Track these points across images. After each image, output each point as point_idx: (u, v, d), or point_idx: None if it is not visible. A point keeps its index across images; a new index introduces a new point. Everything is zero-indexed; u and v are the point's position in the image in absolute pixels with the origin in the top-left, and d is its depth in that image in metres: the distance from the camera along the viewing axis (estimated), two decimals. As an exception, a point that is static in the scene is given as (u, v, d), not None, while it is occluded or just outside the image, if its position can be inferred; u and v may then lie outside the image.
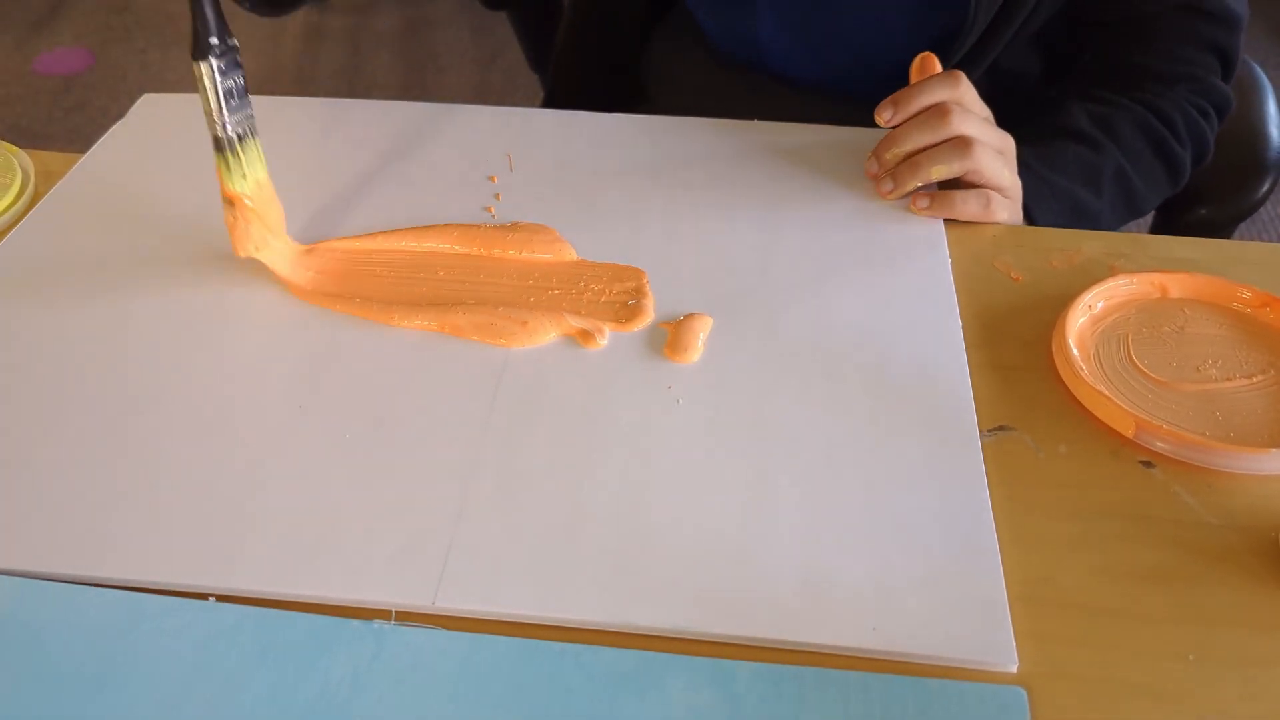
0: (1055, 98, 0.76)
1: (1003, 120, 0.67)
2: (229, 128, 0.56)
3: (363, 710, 0.41)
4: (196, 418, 0.52)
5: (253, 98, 0.58)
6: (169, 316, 0.58)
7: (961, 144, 0.64)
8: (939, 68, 0.68)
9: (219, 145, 0.57)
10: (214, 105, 0.56)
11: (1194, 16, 0.74)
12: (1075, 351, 0.55)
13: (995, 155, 0.65)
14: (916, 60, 0.69)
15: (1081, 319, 0.57)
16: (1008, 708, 0.41)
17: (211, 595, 0.45)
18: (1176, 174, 0.76)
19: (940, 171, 0.64)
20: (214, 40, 0.55)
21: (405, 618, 0.44)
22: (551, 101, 0.98)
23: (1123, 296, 0.59)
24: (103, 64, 2.39)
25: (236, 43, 0.56)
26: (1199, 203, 0.86)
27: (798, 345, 0.57)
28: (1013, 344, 0.57)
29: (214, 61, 0.55)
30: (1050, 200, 0.69)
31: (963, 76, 0.65)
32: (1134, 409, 0.52)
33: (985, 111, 0.67)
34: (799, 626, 0.43)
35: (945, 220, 0.65)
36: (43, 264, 0.62)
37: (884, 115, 0.66)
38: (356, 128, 0.75)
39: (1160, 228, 0.91)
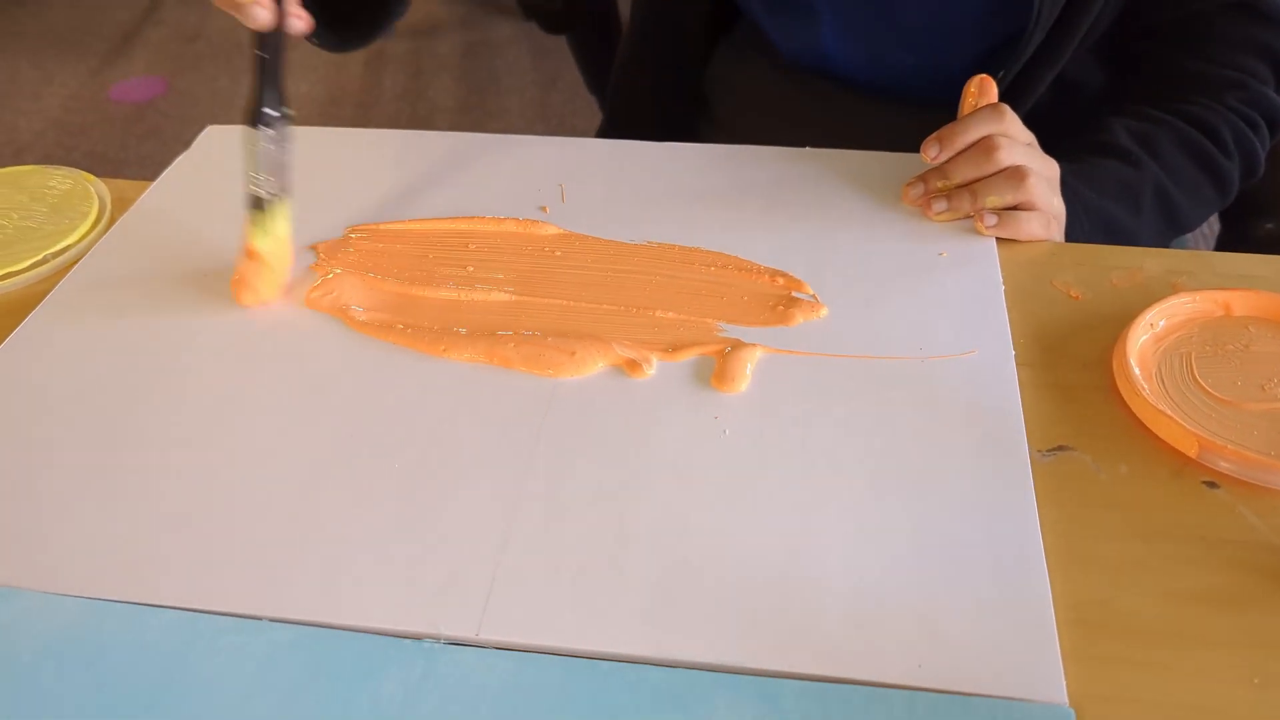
0: (1100, 115, 0.75)
1: (1063, 132, 0.66)
2: (264, 189, 0.59)
3: (413, 729, 0.42)
4: (250, 448, 0.53)
5: (307, 129, 0.60)
6: (224, 346, 0.60)
7: (1016, 174, 0.63)
8: (994, 93, 0.67)
9: (252, 203, 0.60)
10: (254, 169, 0.59)
11: (1246, 17, 0.73)
12: (1137, 370, 0.53)
13: (1044, 181, 0.64)
14: (974, 82, 0.68)
15: (1143, 337, 0.56)
16: (1059, 732, 0.40)
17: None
18: (1223, 189, 0.74)
19: (995, 201, 0.64)
20: (268, 110, 0.58)
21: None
22: (612, 118, 0.98)
23: (1185, 314, 0.58)
24: (175, 91, 2.46)
25: (291, 112, 0.59)
26: (1265, 216, 0.84)
27: (846, 372, 0.56)
28: (1072, 363, 0.56)
29: (264, 130, 0.58)
30: (1082, 216, 0.68)
31: (1006, 108, 0.65)
32: (1197, 428, 0.50)
33: (1029, 137, 0.66)
34: (843, 661, 0.43)
35: (999, 240, 0.65)
36: (112, 289, 0.64)
37: (930, 153, 0.66)
38: (408, 158, 0.76)
39: (1226, 243, 0.89)
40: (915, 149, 0.67)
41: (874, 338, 0.58)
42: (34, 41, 2.68)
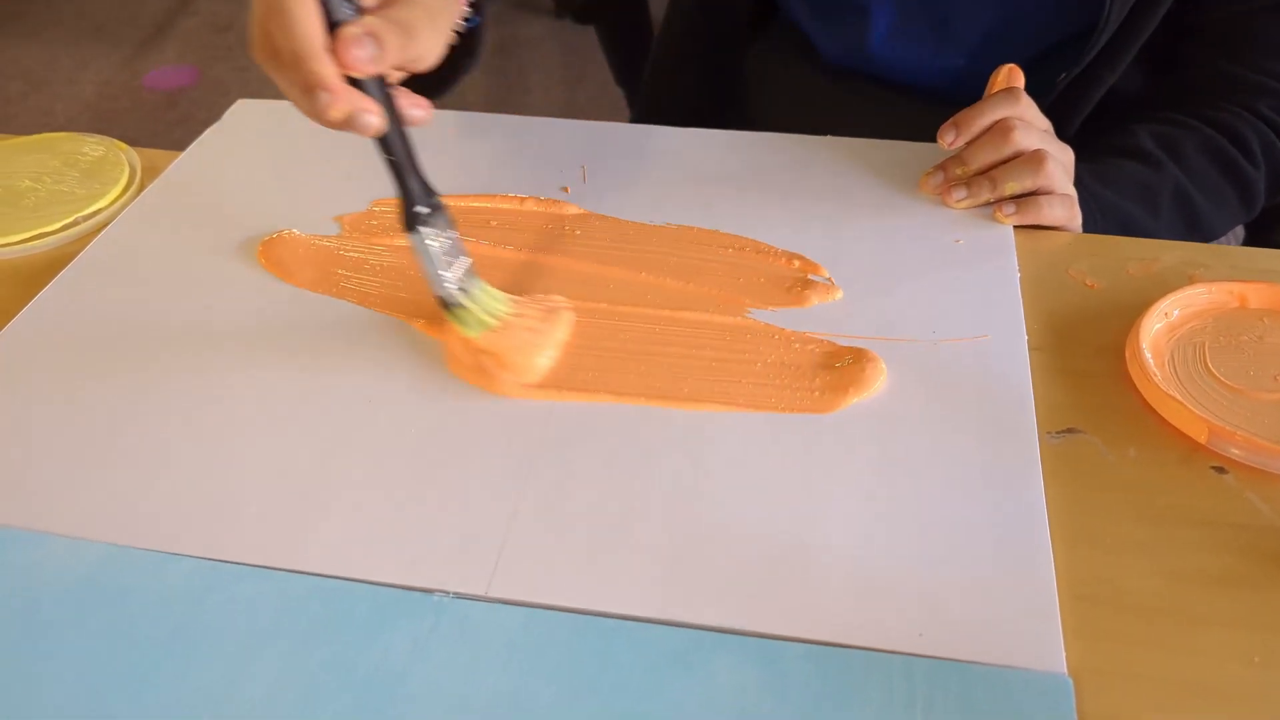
0: (1127, 120, 0.75)
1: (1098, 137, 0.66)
2: (452, 285, 0.54)
3: (421, 678, 0.42)
4: (271, 406, 0.54)
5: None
6: (249, 307, 0.61)
7: (1035, 159, 0.64)
8: (1021, 81, 0.68)
9: (445, 304, 0.54)
10: (433, 271, 0.53)
11: None
12: (1149, 356, 0.54)
13: (1063, 168, 0.65)
14: (1002, 71, 0.68)
15: (1157, 325, 0.56)
16: (1053, 696, 0.40)
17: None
18: (1249, 198, 0.73)
19: (1013, 187, 0.64)
20: (420, 209, 0.52)
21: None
22: (644, 113, 0.98)
23: (1201, 305, 0.58)
24: (206, 80, 2.49)
25: (440, 198, 0.53)
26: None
27: (855, 343, 0.57)
28: (1085, 349, 0.57)
29: (424, 230, 0.52)
30: (1097, 215, 0.68)
31: (1022, 93, 0.65)
32: (1207, 414, 0.51)
33: (1046, 124, 0.66)
34: (846, 628, 0.43)
35: (1017, 229, 0.65)
36: (140, 252, 0.65)
37: (947, 139, 0.66)
38: (433, 137, 0.77)
39: (1251, 243, 0.89)
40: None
41: (887, 320, 0.59)
42: (71, 29, 2.71)
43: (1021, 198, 0.65)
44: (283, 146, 0.76)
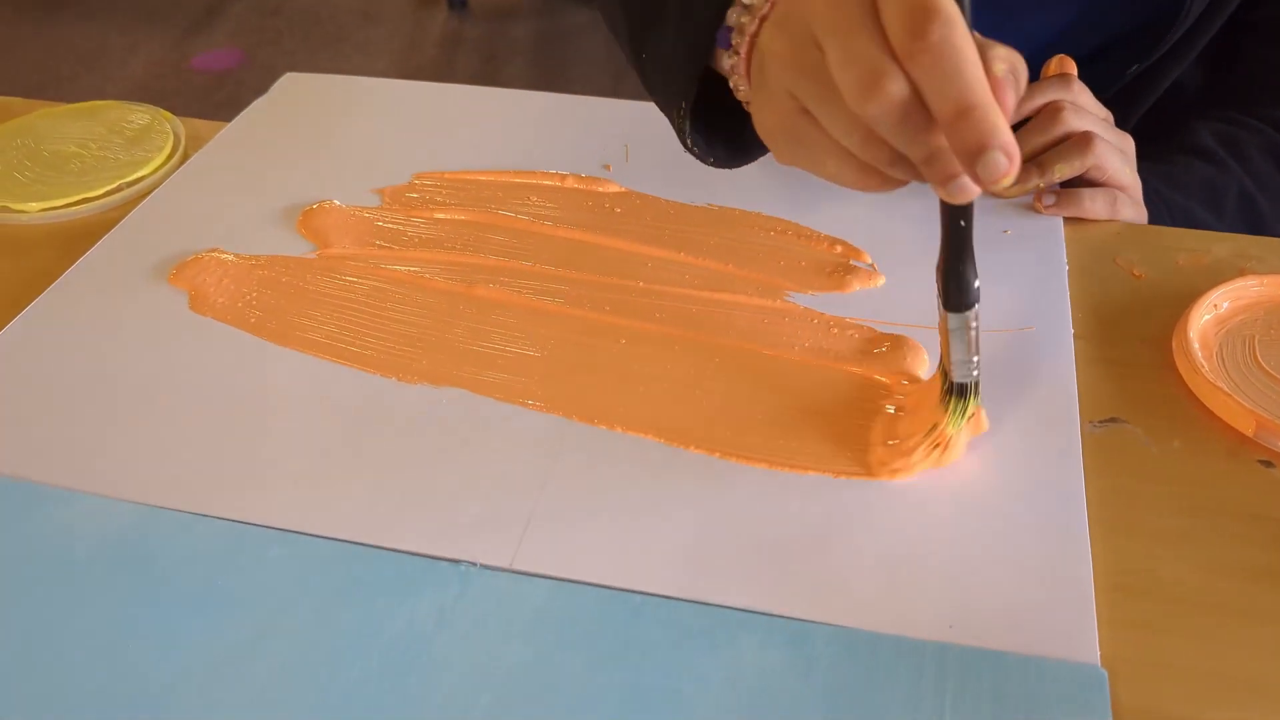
0: (1187, 119, 0.73)
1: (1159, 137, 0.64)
2: (974, 372, 0.47)
3: (445, 646, 0.42)
4: (304, 372, 0.54)
5: (376, 80, 0.57)
6: (285, 273, 0.61)
7: (1083, 140, 0.62)
8: (1074, 70, 0.66)
9: (961, 391, 0.47)
10: (966, 355, 0.47)
11: None
12: (1197, 347, 0.52)
13: (1117, 153, 0.63)
14: (1053, 61, 0.67)
15: (1206, 317, 0.55)
16: (1086, 687, 0.39)
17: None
18: None
19: (1063, 170, 0.63)
20: (979, 284, 0.46)
21: (492, 564, 0.45)
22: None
23: (1251, 298, 0.57)
24: (253, 63, 2.51)
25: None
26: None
27: (897, 330, 0.56)
28: (1131, 340, 0.55)
29: (975, 309, 0.46)
30: (1166, 219, 0.66)
31: (1075, 78, 0.64)
32: (1255, 407, 0.49)
33: (1103, 112, 0.65)
34: (875, 615, 0.43)
35: (1065, 218, 0.64)
36: (183, 219, 0.65)
37: None
38: (476, 114, 0.77)
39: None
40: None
41: (930, 308, 0.57)
42: (123, 12, 2.75)
43: (1063, 189, 0.64)
44: (327, 119, 0.76)
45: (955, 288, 0.45)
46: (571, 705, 0.40)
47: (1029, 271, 0.60)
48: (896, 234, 0.63)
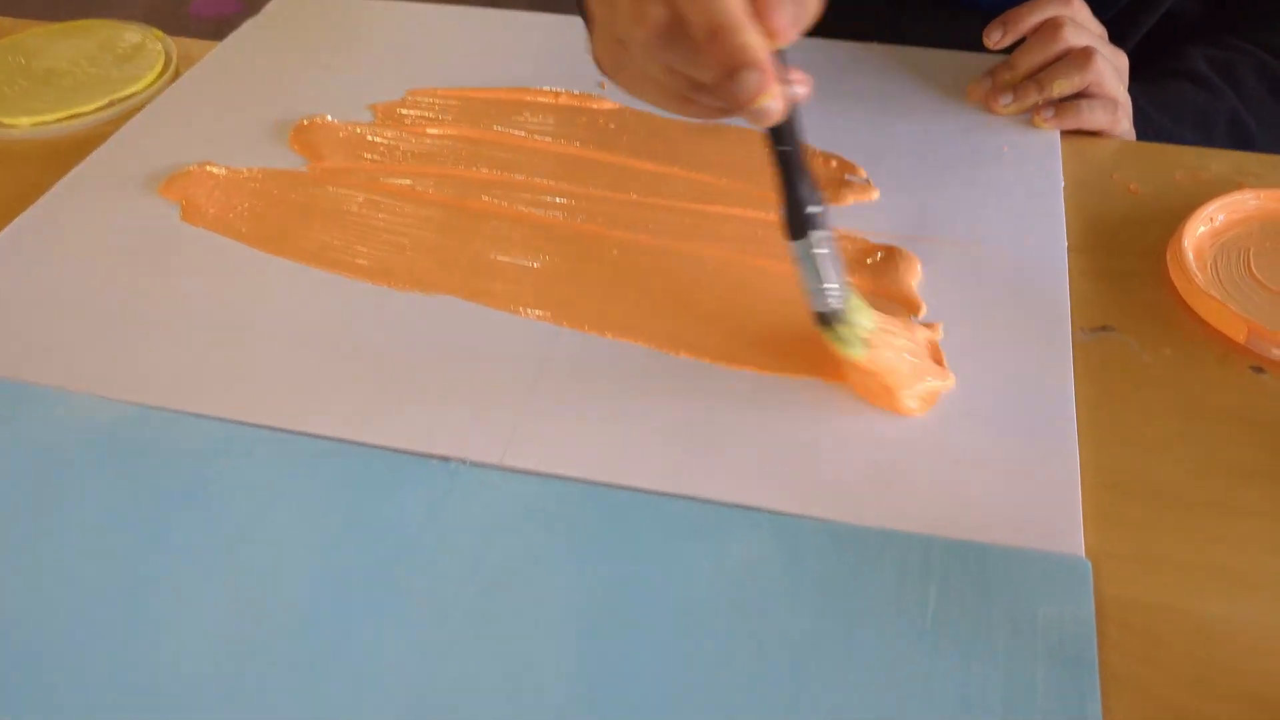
0: (1180, 44, 0.72)
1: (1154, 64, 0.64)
2: (835, 297, 0.46)
3: (433, 540, 0.42)
4: (294, 282, 0.54)
5: (382, 2, 0.57)
6: (275, 185, 0.60)
7: (1082, 56, 0.61)
8: None
9: (824, 320, 0.46)
10: (817, 281, 0.45)
11: None
12: (1191, 257, 0.52)
13: (1114, 70, 0.62)
14: None
15: (1201, 229, 0.55)
16: (1070, 577, 0.40)
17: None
18: None
19: (1062, 86, 0.62)
20: (813, 209, 0.44)
21: (480, 462, 0.45)
22: None
23: (1247, 211, 0.56)
24: (251, 9, 2.49)
25: (824, 195, 0.47)
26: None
27: (891, 241, 0.56)
28: (1125, 253, 0.55)
29: (814, 235, 0.45)
30: (1151, 141, 0.66)
31: None
32: (1247, 314, 0.49)
33: (1099, 29, 0.64)
34: (863, 511, 0.43)
35: (1063, 134, 0.63)
36: (173, 135, 0.65)
37: (993, 37, 0.64)
38: (470, 34, 0.76)
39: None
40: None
41: (924, 221, 0.57)
42: (122, -44, 2.72)
43: (1062, 102, 0.63)
44: (322, 38, 0.75)
45: (788, 215, 0.44)
46: (558, 597, 0.40)
47: (1025, 187, 0.59)
48: (892, 149, 0.62)
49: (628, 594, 0.40)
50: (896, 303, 0.52)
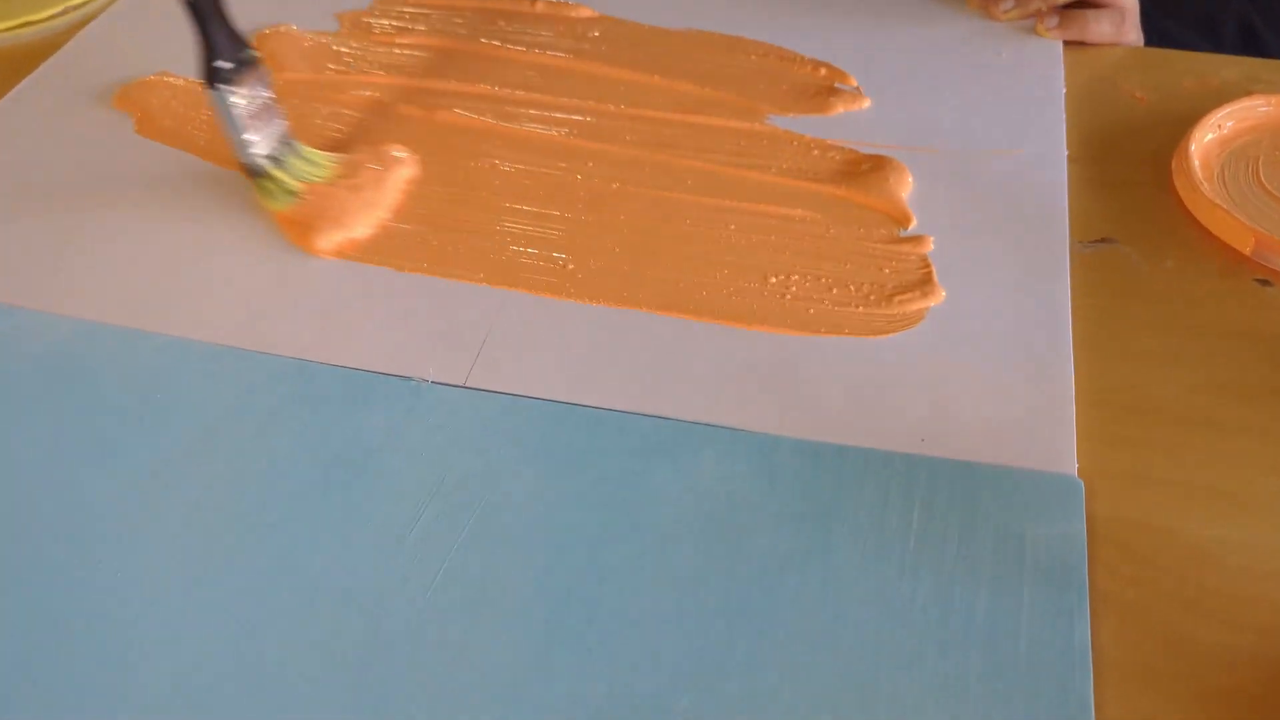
0: None
1: None
2: (259, 150, 0.49)
3: (392, 459, 0.40)
4: (253, 198, 0.51)
5: None
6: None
7: None
8: None
9: (251, 172, 0.49)
10: (235, 135, 0.48)
11: None
12: (1197, 165, 0.49)
13: None
14: None
15: (1209, 136, 0.52)
16: (1061, 496, 0.37)
17: (256, 346, 0.45)
18: None
19: None
20: (222, 63, 0.46)
21: (443, 380, 0.43)
22: None
23: (1257, 119, 0.53)
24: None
25: (255, 53, 0.48)
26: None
27: (881, 151, 0.53)
28: (1129, 161, 0.52)
29: (225, 88, 0.46)
30: (1156, 44, 0.62)
31: None
32: (1255, 224, 0.47)
33: None
34: (845, 430, 0.41)
35: (1065, 43, 0.60)
36: (126, 46, 0.62)
37: None
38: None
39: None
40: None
41: (917, 131, 0.55)
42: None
43: (1067, 9, 0.60)
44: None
45: (203, 65, 0.46)
46: (525, 515, 0.38)
47: (1024, 96, 0.56)
48: (885, 57, 0.59)
49: (597, 511, 0.38)
50: (885, 214, 0.50)
